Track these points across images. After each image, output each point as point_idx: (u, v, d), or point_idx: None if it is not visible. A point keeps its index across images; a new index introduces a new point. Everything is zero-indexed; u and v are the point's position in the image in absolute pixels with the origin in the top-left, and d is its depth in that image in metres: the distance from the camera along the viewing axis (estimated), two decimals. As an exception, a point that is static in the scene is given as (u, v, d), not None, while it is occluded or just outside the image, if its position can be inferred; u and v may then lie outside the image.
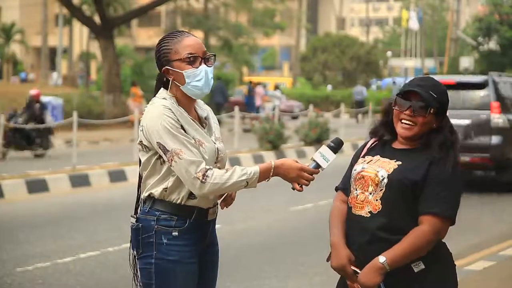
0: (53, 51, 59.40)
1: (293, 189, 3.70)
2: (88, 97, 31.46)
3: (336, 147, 3.69)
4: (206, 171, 3.56)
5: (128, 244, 3.86)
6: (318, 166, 3.68)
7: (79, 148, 18.14)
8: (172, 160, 3.58)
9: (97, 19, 32.05)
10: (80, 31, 58.73)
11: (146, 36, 60.60)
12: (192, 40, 3.71)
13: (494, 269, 8.08)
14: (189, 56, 3.68)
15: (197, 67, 3.70)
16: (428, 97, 3.55)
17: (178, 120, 3.64)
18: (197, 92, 3.73)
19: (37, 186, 13.50)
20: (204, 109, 3.86)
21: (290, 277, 7.76)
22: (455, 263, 3.67)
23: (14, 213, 11.60)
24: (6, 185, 13.11)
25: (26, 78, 57.40)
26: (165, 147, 3.59)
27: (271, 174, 3.65)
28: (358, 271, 3.53)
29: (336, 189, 3.80)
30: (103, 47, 31.25)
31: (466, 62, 54.46)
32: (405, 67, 62.58)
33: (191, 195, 3.67)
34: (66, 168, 15.31)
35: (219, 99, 29.85)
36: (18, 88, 39.55)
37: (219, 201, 3.85)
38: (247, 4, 41.30)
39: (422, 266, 3.50)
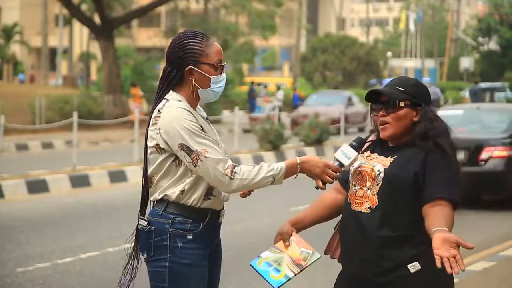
0: (53, 52, 59.40)
1: (317, 188, 3.71)
2: (88, 97, 31.49)
3: (358, 145, 3.68)
4: (234, 167, 3.56)
5: (129, 245, 3.84)
6: (341, 164, 3.66)
7: (79, 149, 18.13)
8: (197, 159, 3.56)
9: (97, 19, 32.07)
10: (80, 32, 58.75)
11: (146, 37, 60.56)
12: (220, 48, 3.76)
13: (494, 270, 8.07)
14: (220, 63, 3.73)
15: (220, 74, 3.76)
16: (392, 93, 3.58)
17: (198, 121, 3.65)
18: (212, 97, 3.78)
19: (37, 186, 13.51)
20: (201, 110, 3.87)
21: (293, 278, 7.74)
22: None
23: (14, 213, 11.60)
24: (6, 185, 13.12)
25: (25, 79, 57.44)
26: (189, 148, 3.57)
27: (297, 170, 3.65)
28: (280, 247, 3.71)
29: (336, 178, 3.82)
30: (103, 47, 31.27)
31: (466, 62, 54.42)
32: (405, 68, 62.57)
33: (205, 197, 3.67)
34: (66, 168, 15.31)
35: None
36: (19, 88, 39.58)
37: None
38: (246, 5, 41.28)
39: (419, 267, 3.48)
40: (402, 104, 3.57)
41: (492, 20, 60.83)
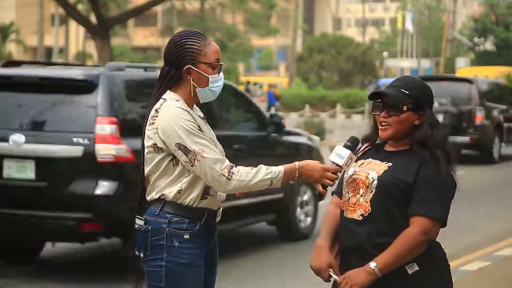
0: (49, 51, 59.37)
1: (318, 193, 3.71)
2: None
3: (352, 145, 3.67)
4: (231, 168, 3.58)
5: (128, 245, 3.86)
6: (337, 166, 3.65)
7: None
8: (195, 159, 3.58)
9: (93, 19, 32.08)
10: (76, 31, 58.74)
11: (142, 36, 60.56)
12: (217, 47, 3.77)
13: (489, 269, 8.12)
14: (217, 62, 3.75)
15: (218, 73, 3.77)
16: (397, 96, 3.54)
17: (195, 121, 3.67)
18: (210, 96, 3.79)
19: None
20: (198, 109, 3.89)
21: (289, 277, 7.77)
22: (449, 263, 3.66)
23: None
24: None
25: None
26: (186, 148, 3.58)
27: (296, 174, 3.66)
28: (335, 277, 3.54)
29: (332, 193, 3.80)
30: (99, 47, 31.23)
31: (462, 62, 54.51)
32: (401, 68, 62.67)
33: (202, 196, 3.69)
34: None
35: None
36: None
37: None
38: (243, 4, 41.30)
39: (416, 268, 3.49)
40: (405, 108, 3.54)
41: (488, 21, 60.92)
